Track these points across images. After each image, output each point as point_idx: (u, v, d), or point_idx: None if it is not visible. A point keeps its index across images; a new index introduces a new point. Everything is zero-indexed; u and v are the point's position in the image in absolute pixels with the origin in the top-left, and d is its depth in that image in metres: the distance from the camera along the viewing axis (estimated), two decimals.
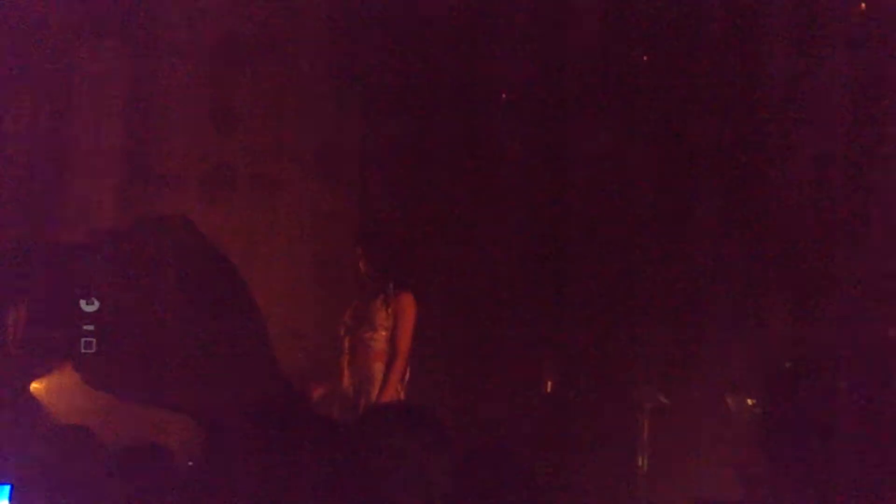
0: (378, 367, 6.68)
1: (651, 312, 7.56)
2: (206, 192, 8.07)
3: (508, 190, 8.01)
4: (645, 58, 7.74)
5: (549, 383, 7.60)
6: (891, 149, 6.99)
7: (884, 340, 6.44)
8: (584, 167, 7.82)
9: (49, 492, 3.59)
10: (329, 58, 8.30)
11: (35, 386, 6.01)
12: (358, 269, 6.91)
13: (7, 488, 3.52)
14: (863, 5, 7.16)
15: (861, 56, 7.03)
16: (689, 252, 7.54)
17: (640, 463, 7.13)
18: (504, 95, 8.14)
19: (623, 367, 7.52)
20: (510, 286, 7.91)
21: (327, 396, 6.80)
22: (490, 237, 8.01)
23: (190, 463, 3.83)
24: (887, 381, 5.13)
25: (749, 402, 6.52)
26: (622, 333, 7.60)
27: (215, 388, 4.40)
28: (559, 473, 7.07)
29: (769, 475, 4.68)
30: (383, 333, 6.71)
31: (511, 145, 8.01)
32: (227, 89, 8.19)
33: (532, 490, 3.76)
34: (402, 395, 6.66)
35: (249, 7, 8.18)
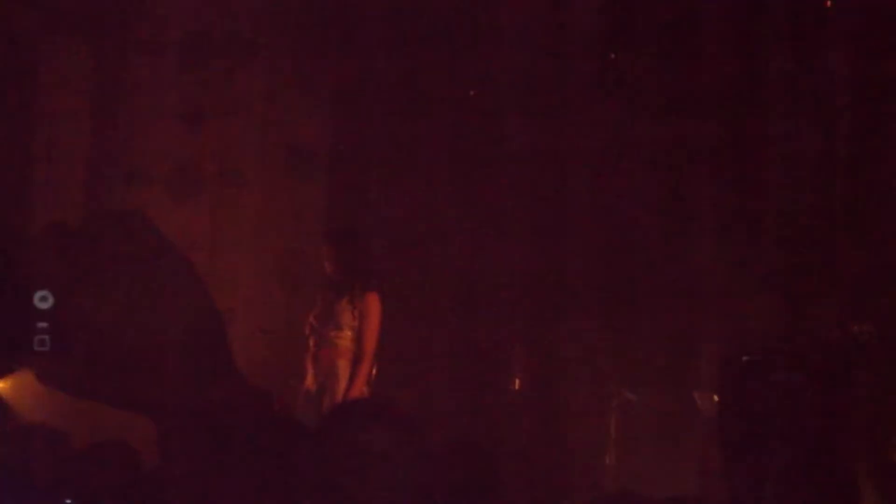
0: (342, 366, 6.67)
1: (619, 309, 7.56)
2: (173, 189, 8.04)
3: (476, 189, 7.99)
4: (613, 55, 7.73)
5: (517, 381, 7.59)
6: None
7: (844, 336, 6.45)
8: (552, 166, 7.81)
9: (10, 492, 3.54)
10: (298, 57, 8.27)
11: None
12: (324, 269, 6.90)
13: None
14: (828, 3, 7.18)
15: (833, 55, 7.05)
16: (655, 251, 7.54)
17: (607, 459, 7.13)
18: (472, 93, 8.12)
19: (591, 363, 7.51)
20: (477, 285, 7.90)
21: (291, 399, 6.80)
22: (457, 237, 7.99)
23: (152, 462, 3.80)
24: (844, 376, 5.15)
25: (716, 398, 6.52)
26: (590, 330, 7.59)
27: (174, 387, 4.37)
28: (526, 469, 7.07)
29: (726, 471, 4.70)
30: (349, 333, 6.71)
31: (479, 144, 7.99)
32: (193, 87, 8.15)
33: (499, 486, 3.76)
34: (367, 394, 6.65)
35: (219, 6, 8.16)
